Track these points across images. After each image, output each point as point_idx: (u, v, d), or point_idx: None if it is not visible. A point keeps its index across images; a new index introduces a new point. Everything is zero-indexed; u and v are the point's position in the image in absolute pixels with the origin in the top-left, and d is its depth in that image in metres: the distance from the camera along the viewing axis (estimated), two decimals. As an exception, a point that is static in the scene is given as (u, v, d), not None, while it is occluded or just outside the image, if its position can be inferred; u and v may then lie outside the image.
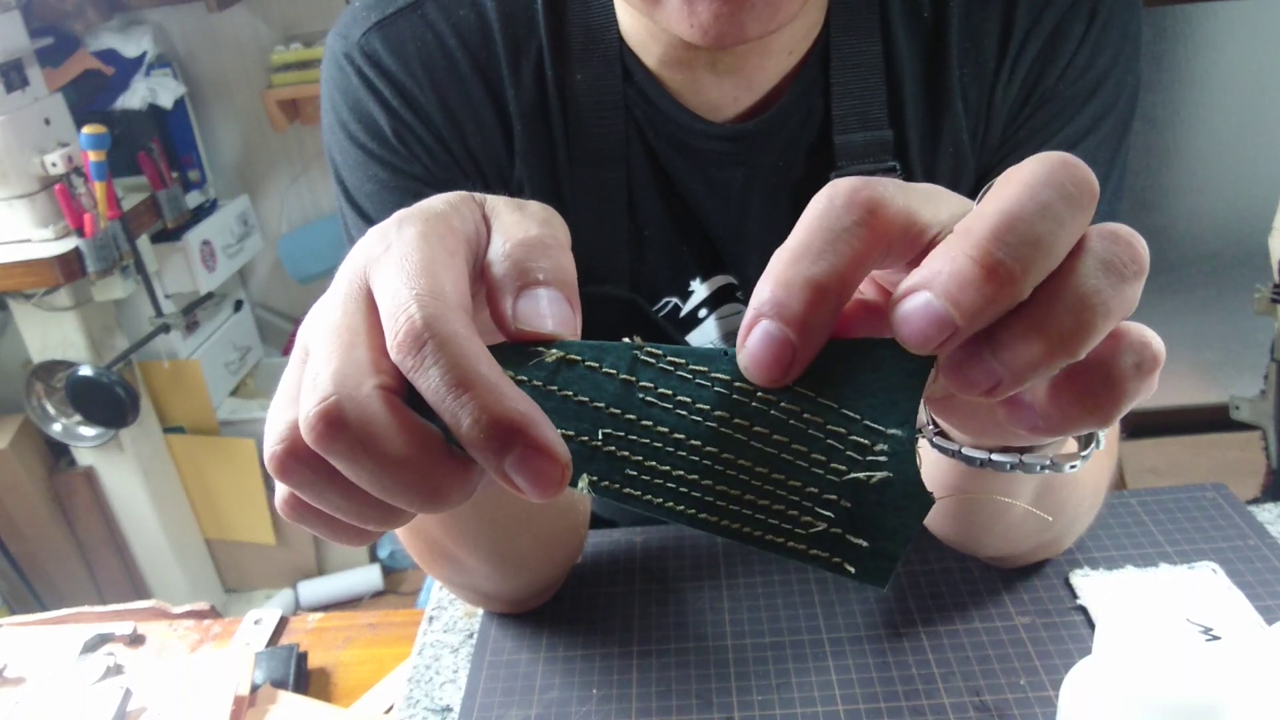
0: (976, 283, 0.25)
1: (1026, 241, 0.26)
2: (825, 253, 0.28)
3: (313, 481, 0.28)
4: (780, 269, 0.28)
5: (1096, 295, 0.26)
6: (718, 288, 0.66)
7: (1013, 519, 0.56)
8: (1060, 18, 0.57)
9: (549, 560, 0.63)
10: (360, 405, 0.27)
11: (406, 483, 0.27)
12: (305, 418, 0.27)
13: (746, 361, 0.28)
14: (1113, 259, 0.27)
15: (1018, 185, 0.27)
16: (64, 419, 1.85)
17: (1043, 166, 0.27)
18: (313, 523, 0.30)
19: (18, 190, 1.64)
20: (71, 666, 0.71)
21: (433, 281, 0.28)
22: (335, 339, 0.28)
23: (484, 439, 0.26)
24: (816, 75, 0.59)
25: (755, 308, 0.28)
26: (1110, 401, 0.28)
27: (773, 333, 0.28)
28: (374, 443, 0.26)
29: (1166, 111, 2.01)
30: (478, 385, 0.26)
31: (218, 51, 2.13)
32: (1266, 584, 0.62)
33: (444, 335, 0.27)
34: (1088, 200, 0.27)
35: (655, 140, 0.61)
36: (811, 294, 0.27)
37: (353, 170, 0.61)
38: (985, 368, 0.27)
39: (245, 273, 2.34)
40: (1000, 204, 0.26)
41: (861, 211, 0.28)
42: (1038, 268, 0.26)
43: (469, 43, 0.59)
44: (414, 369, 0.27)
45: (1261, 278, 1.61)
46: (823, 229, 0.28)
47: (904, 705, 0.56)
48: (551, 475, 0.27)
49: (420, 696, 0.62)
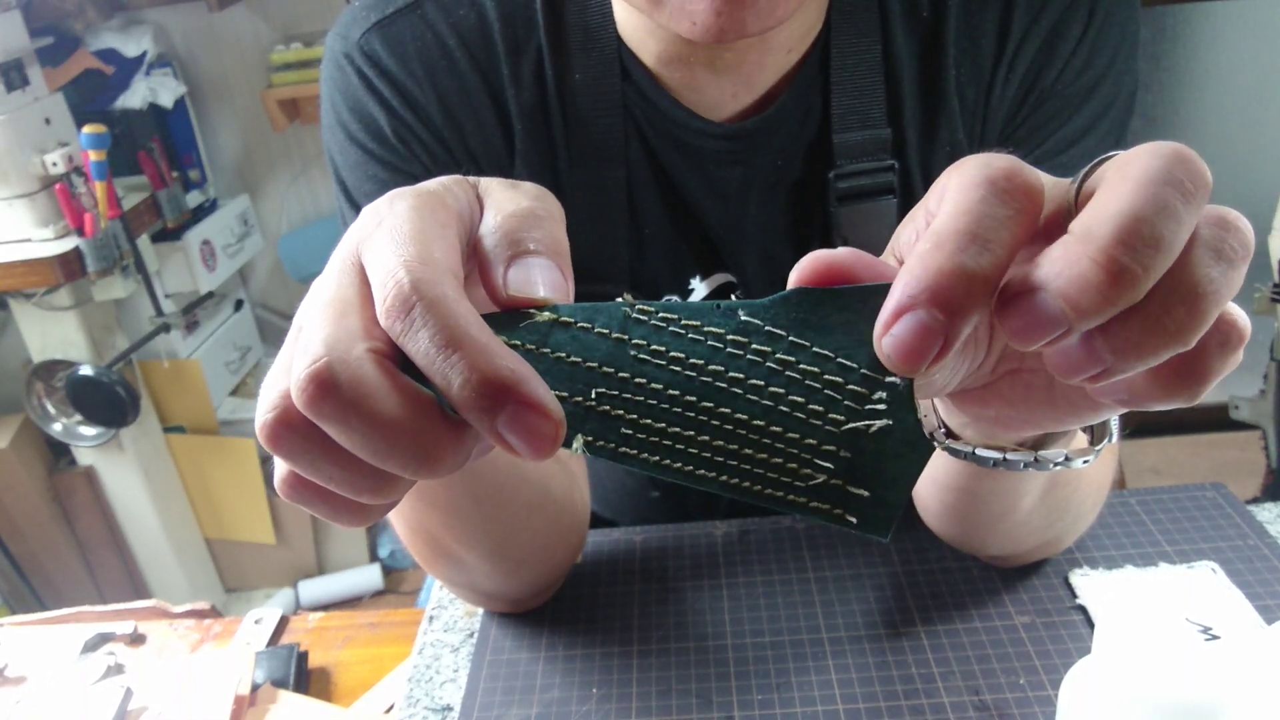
0: (1099, 286, 0.25)
1: (1149, 244, 0.25)
2: (990, 243, 0.27)
3: (305, 450, 0.28)
4: (942, 257, 0.27)
5: (1209, 284, 0.26)
6: (717, 286, 0.66)
7: (1018, 518, 0.56)
8: (1058, 17, 0.57)
9: (549, 559, 0.63)
10: (350, 366, 0.27)
11: (399, 445, 0.27)
12: (296, 381, 0.27)
13: (892, 349, 0.27)
14: (1223, 246, 0.27)
15: (1136, 182, 0.26)
16: (64, 419, 1.85)
17: (1159, 161, 0.27)
18: (310, 500, 0.30)
19: (18, 190, 1.64)
20: (72, 666, 0.71)
21: (421, 248, 0.28)
22: (328, 309, 0.28)
23: (475, 398, 0.26)
24: (815, 74, 0.59)
25: (910, 294, 0.27)
26: (1197, 381, 0.28)
27: (928, 324, 0.26)
28: (365, 404, 0.26)
29: (1166, 111, 2.01)
30: (467, 345, 0.26)
31: (218, 51, 2.13)
32: (1266, 584, 0.62)
33: (432, 297, 0.27)
34: (1203, 194, 0.27)
35: (654, 139, 0.61)
36: (976, 287, 0.26)
37: (353, 170, 0.62)
38: (1095, 357, 0.27)
39: (245, 272, 2.34)
40: (1121, 203, 0.26)
41: (1022, 199, 0.27)
42: (1158, 268, 0.26)
43: (469, 42, 0.60)
44: (403, 332, 0.27)
45: (1261, 278, 1.61)
46: (986, 215, 0.27)
47: (904, 705, 0.56)
48: (545, 432, 0.26)
49: (420, 696, 0.62)
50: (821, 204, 0.62)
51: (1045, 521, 0.58)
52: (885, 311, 0.27)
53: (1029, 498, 0.54)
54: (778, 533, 0.71)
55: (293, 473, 0.30)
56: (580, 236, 0.62)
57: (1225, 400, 1.73)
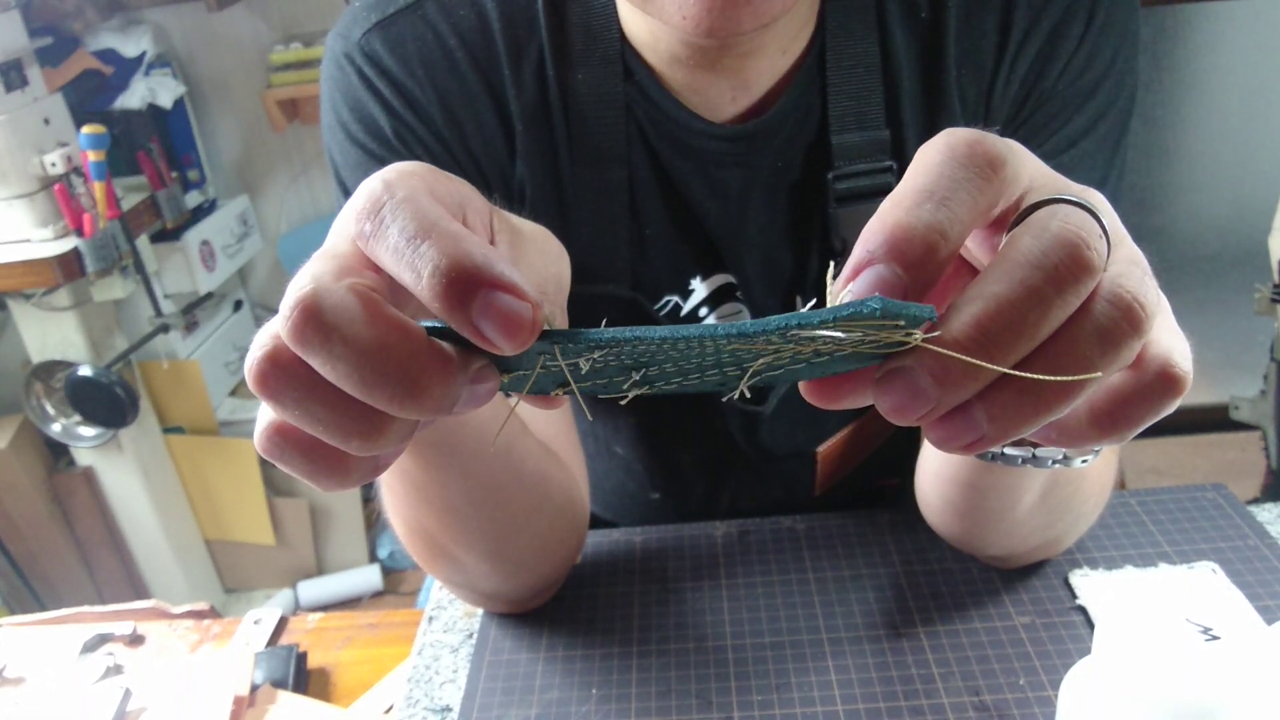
0: (961, 365, 0.26)
1: (1011, 330, 0.26)
2: (948, 200, 0.27)
3: (292, 389, 0.28)
4: (899, 212, 0.27)
5: (1085, 363, 0.27)
6: (717, 286, 0.66)
7: (1018, 516, 0.56)
8: (1059, 18, 0.57)
9: (548, 560, 0.63)
10: (336, 295, 0.27)
11: (385, 373, 0.26)
12: (283, 315, 0.27)
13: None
14: (1111, 327, 0.27)
15: (1011, 264, 0.27)
16: (63, 419, 1.85)
17: (1041, 244, 0.27)
18: (292, 455, 0.30)
19: (17, 190, 1.64)
20: (71, 666, 0.71)
21: (401, 171, 0.29)
22: (319, 256, 0.29)
23: (446, 285, 0.26)
24: (814, 76, 0.59)
25: (868, 248, 0.27)
26: (1123, 426, 0.29)
27: (888, 277, 0.27)
28: (349, 328, 0.26)
29: (1166, 111, 2.01)
30: (436, 233, 0.26)
31: (217, 51, 2.13)
32: (1266, 584, 0.62)
33: (402, 195, 0.27)
34: (1086, 279, 0.27)
35: (656, 140, 0.61)
36: (934, 239, 0.27)
37: (353, 170, 0.61)
38: (972, 425, 0.27)
39: (245, 273, 2.34)
40: (991, 286, 0.26)
41: (983, 164, 0.28)
42: (1020, 351, 0.26)
43: (470, 43, 0.59)
44: (373, 233, 0.27)
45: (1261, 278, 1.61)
46: (945, 175, 0.27)
47: (904, 705, 0.56)
48: (521, 314, 0.26)
49: (420, 696, 0.62)
50: (821, 205, 0.62)
51: (1046, 521, 0.58)
52: (846, 268, 0.27)
53: (1030, 495, 0.54)
54: (778, 533, 0.71)
55: (275, 425, 0.29)
56: (581, 237, 0.62)
57: (1225, 400, 1.74)
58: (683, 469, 0.76)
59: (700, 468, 0.76)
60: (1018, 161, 0.29)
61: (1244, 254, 2.00)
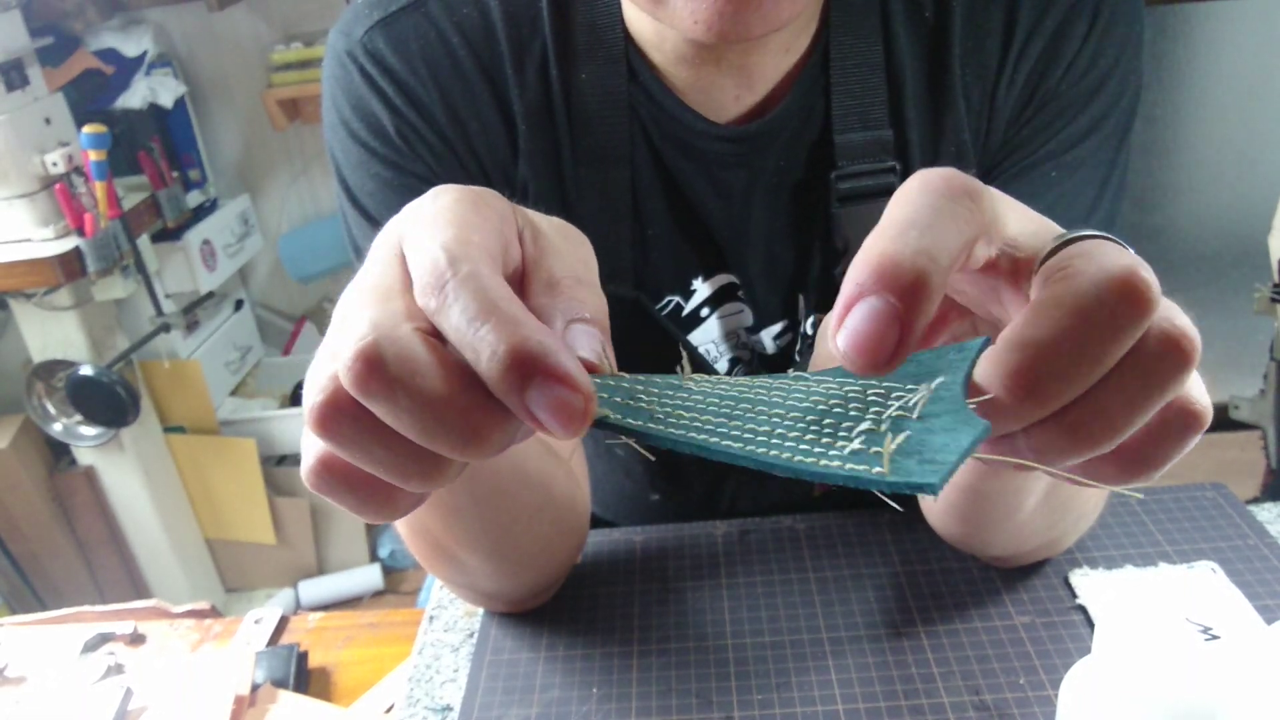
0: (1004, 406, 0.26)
1: (1058, 378, 0.26)
2: (931, 227, 0.27)
3: (353, 433, 0.28)
4: (884, 242, 0.27)
5: (1130, 407, 0.27)
6: (719, 287, 0.66)
7: (1022, 517, 0.56)
8: (1063, 18, 0.57)
9: (550, 560, 0.63)
10: (398, 343, 0.27)
11: (447, 422, 0.27)
12: (344, 361, 0.27)
13: (847, 343, 0.26)
14: (1159, 367, 0.27)
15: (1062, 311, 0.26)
16: (64, 419, 1.85)
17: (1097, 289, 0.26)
18: (341, 491, 0.30)
19: (18, 190, 1.64)
20: (72, 666, 0.71)
21: (460, 232, 0.29)
22: (370, 294, 0.29)
23: (504, 370, 0.26)
24: (818, 75, 0.59)
25: (857, 282, 0.26)
26: (1147, 468, 0.29)
27: (880, 308, 0.26)
28: (413, 380, 0.26)
29: (1166, 111, 2.01)
30: (497, 316, 0.26)
31: (218, 51, 2.13)
32: (1266, 584, 0.62)
33: (465, 273, 0.27)
34: (1139, 321, 0.26)
35: (660, 140, 0.61)
36: (922, 263, 0.26)
37: (355, 169, 0.61)
38: (1016, 452, 0.28)
39: (245, 272, 2.34)
40: (1039, 332, 0.26)
41: (963, 194, 0.28)
42: (1067, 395, 0.26)
43: (473, 41, 0.59)
44: (438, 309, 0.27)
45: (1261, 278, 1.61)
46: (925, 205, 0.27)
47: (904, 705, 0.56)
48: (574, 406, 0.26)
49: (420, 696, 0.62)
50: (824, 205, 0.62)
51: (1048, 521, 0.58)
52: (836, 309, 0.27)
53: (1034, 497, 0.54)
54: (778, 533, 0.71)
55: (322, 461, 0.29)
56: None
57: (1225, 400, 1.74)
58: (683, 469, 0.76)
59: (700, 468, 0.76)
60: (993, 199, 0.30)
61: (1244, 254, 2.00)
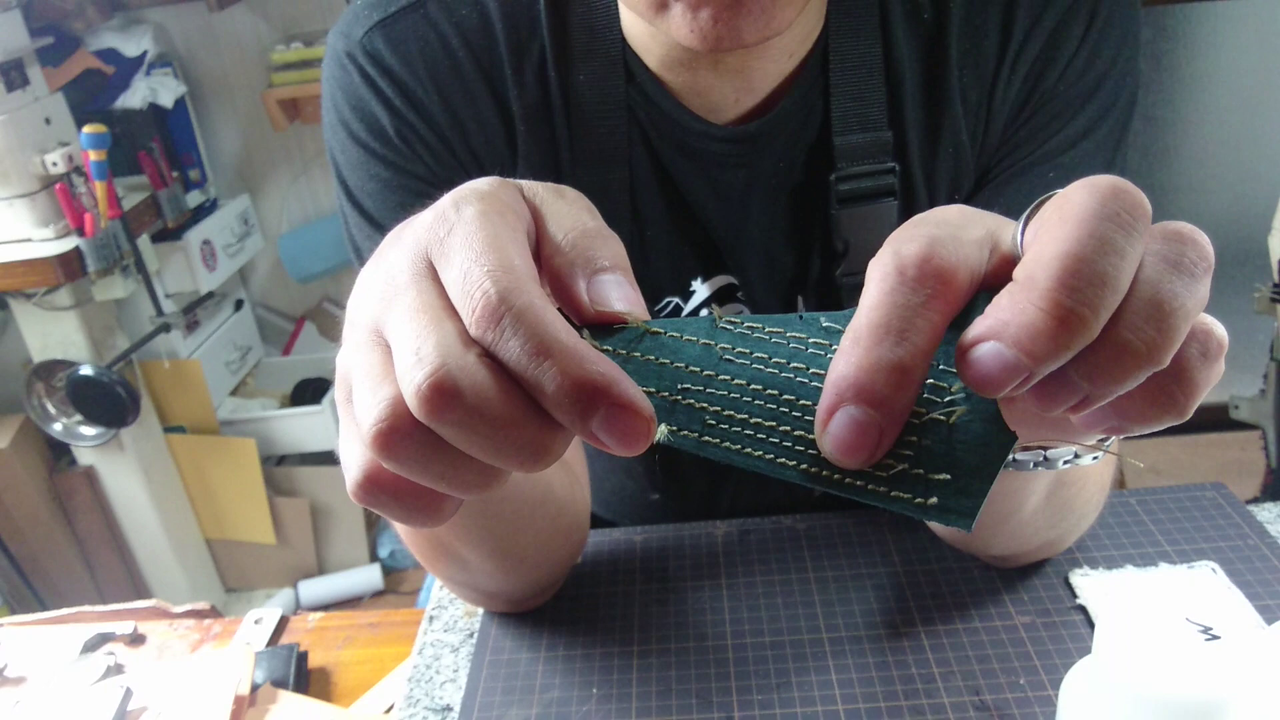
0: (1049, 331, 0.25)
1: (1093, 283, 0.25)
2: (906, 333, 0.27)
3: (419, 455, 0.28)
4: (860, 353, 0.28)
5: (1174, 299, 0.26)
6: (719, 288, 0.66)
7: (1023, 518, 0.56)
8: (1060, 18, 0.57)
9: (551, 558, 0.63)
10: (470, 373, 0.27)
11: (517, 443, 0.28)
12: (418, 390, 0.27)
13: (832, 446, 0.28)
14: (1181, 259, 0.27)
15: (1073, 221, 0.27)
16: (64, 419, 1.85)
17: (1093, 196, 0.27)
18: (389, 503, 0.30)
19: (18, 190, 1.64)
20: (72, 666, 0.71)
21: (502, 256, 0.29)
22: (423, 316, 0.29)
23: (569, 403, 0.27)
24: (817, 77, 0.59)
25: (837, 391, 0.28)
26: (1184, 395, 0.28)
27: (859, 419, 0.27)
28: (487, 408, 0.27)
29: (1166, 111, 2.01)
30: (558, 351, 0.27)
31: (218, 51, 2.13)
32: (1266, 584, 0.62)
33: (520, 307, 0.27)
34: (1143, 223, 0.27)
35: (658, 141, 0.61)
36: (897, 377, 0.27)
37: (354, 169, 0.61)
38: (1072, 386, 0.27)
39: (245, 272, 2.34)
40: (1060, 245, 0.26)
41: (934, 283, 0.28)
42: (1107, 305, 0.26)
43: (472, 42, 0.60)
44: (494, 342, 0.28)
45: (1261, 278, 1.61)
46: (898, 306, 0.28)
47: (904, 705, 0.56)
48: (638, 430, 0.27)
49: (420, 696, 0.62)
50: (823, 206, 0.62)
51: (1049, 521, 0.58)
52: (820, 410, 0.28)
53: (1035, 497, 0.54)
54: (778, 533, 0.71)
55: (372, 474, 0.30)
56: None
57: (1225, 400, 1.74)
58: (683, 469, 0.76)
59: (701, 468, 0.76)
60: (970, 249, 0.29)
61: (1244, 254, 2.00)
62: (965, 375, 0.27)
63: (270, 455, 2.15)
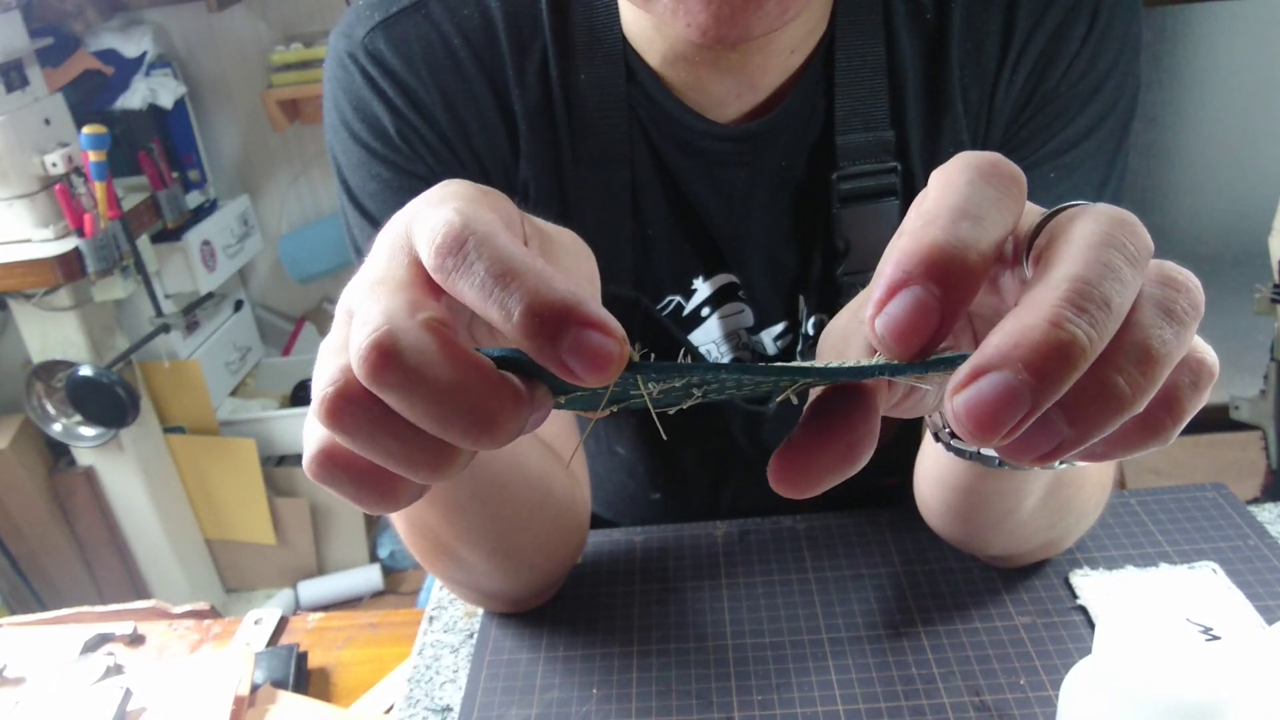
0: (1058, 350, 0.25)
1: (1099, 306, 0.25)
2: (982, 219, 0.27)
3: (366, 424, 0.28)
4: (935, 231, 0.26)
5: (1163, 348, 0.26)
6: (720, 286, 0.66)
7: (1021, 518, 0.56)
8: (1062, 19, 0.57)
9: (551, 558, 0.63)
10: (412, 333, 0.27)
11: (461, 410, 0.27)
12: (357, 351, 0.27)
13: (886, 329, 0.26)
14: (1173, 306, 0.27)
15: (1080, 245, 0.26)
16: (64, 419, 1.85)
17: (1100, 225, 0.27)
18: (343, 480, 0.30)
19: (18, 190, 1.64)
20: (71, 666, 0.71)
21: (471, 204, 0.29)
22: (380, 287, 0.29)
23: (537, 324, 0.26)
24: (819, 75, 0.59)
25: (904, 270, 0.26)
26: (1172, 423, 0.28)
27: (925, 299, 0.26)
28: (428, 369, 0.26)
29: (1166, 111, 2.01)
30: (524, 272, 0.27)
31: (218, 51, 2.13)
32: (1266, 584, 0.62)
33: (484, 233, 0.27)
34: (1145, 257, 0.27)
35: (659, 140, 0.61)
36: (972, 258, 0.26)
37: (356, 169, 0.61)
38: (1050, 431, 0.26)
39: (245, 273, 2.34)
40: (1067, 268, 0.26)
41: (1009, 181, 0.27)
42: (1108, 331, 0.26)
43: (473, 42, 0.59)
44: (455, 268, 0.27)
45: (1261, 278, 1.61)
46: (975, 193, 0.27)
47: (904, 705, 0.56)
48: (609, 350, 0.26)
49: (420, 696, 0.62)
50: (825, 205, 0.62)
51: (1048, 522, 0.58)
52: (876, 292, 0.27)
53: (1033, 497, 0.54)
54: (778, 533, 0.71)
55: (326, 450, 0.29)
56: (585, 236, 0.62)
57: (1225, 400, 1.74)
58: (684, 469, 0.76)
59: (702, 468, 0.76)
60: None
61: (1244, 254, 2.00)
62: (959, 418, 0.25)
63: (270, 456, 2.15)
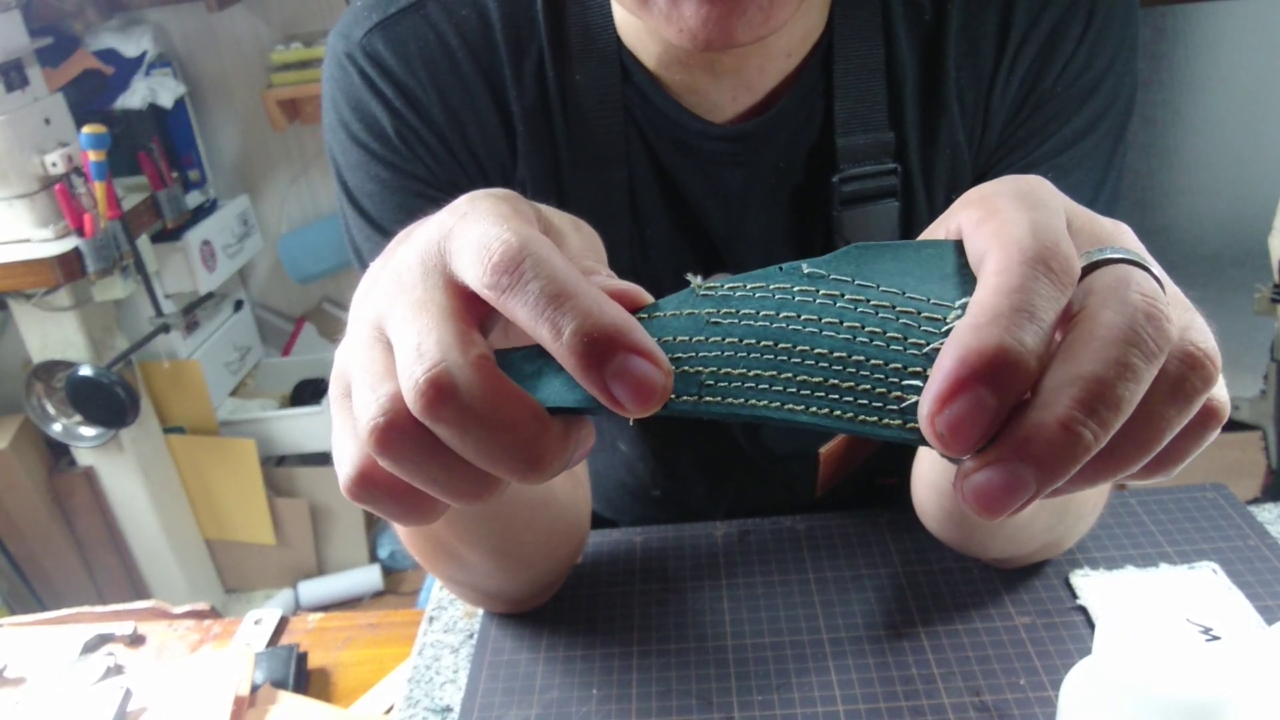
0: (1064, 452, 0.25)
1: (1110, 407, 0.25)
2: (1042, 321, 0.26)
3: (414, 454, 0.28)
4: (1000, 334, 0.26)
5: (1167, 426, 0.27)
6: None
7: (1020, 521, 0.56)
8: (1058, 19, 0.57)
9: (551, 558, 0.63)
10: (468, 372, 0.27)
11: (511, 449, 0.27)
12: (415, 386, 0.27)
13: (947, 427, 0.26)
14: (1185, 384, 0.27)
15: (1101, 342, 0.26)
16: (64, 419, 1.85)
17: (1125, 317, 0.26)
18: (383, 500, 0.30)
19: (18, 190, 1.64)
20: (71, 666, 0.71)
21: (519, 223, 0.29)
22: (426, 312, 0.29)
23: (587, 346, 0.26)
24: (817, 77, 0.59)
25: (969, 368, 0.26)
26: (1176, 464, 0.29)
27: (987, 403, 0.26)
28: (482, 408, 0.27)
29: (1166, 111, 2.01)
30: (579, 295, 0.27)
31: (218, 51, 2.13)
32: (1266, 584, 0.62)
33: (540, 254, 0.28)
34: (1165, 351, 0.27)
35: (655, 140, 0.61)
36: (1032, 364, 0.26)
37: (354, 170, 0.61)
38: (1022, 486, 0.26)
39: (245, 273, 2.34)
40: (1083, 367, 0.26)
41: (1064, 275, 0.27)
42: (1116, 426, 0.26)
43: (471, 43, 0.59)
44: (510, 287, 0.27)
45: (1261, 278, 1.61)
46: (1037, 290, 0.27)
47: (904, 705, 0.56)
48: (654, 380, 0.27)
49: (420, 696, 0.62)
50: (824, 207, 0.62)
51: (1047, 524, 0.58)
52: (939, 386, 0.26)
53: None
54: (778, 533, 0.71)
55: (364, 473, 0.30)
56: None
57: (1225, 401, 1.73)
58: (684, 468, 0.76)
59: (702, 467, 0.76)
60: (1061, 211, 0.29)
61: (1244, 254, 2.00)
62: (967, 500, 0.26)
63: (270, 456, 2.15)
